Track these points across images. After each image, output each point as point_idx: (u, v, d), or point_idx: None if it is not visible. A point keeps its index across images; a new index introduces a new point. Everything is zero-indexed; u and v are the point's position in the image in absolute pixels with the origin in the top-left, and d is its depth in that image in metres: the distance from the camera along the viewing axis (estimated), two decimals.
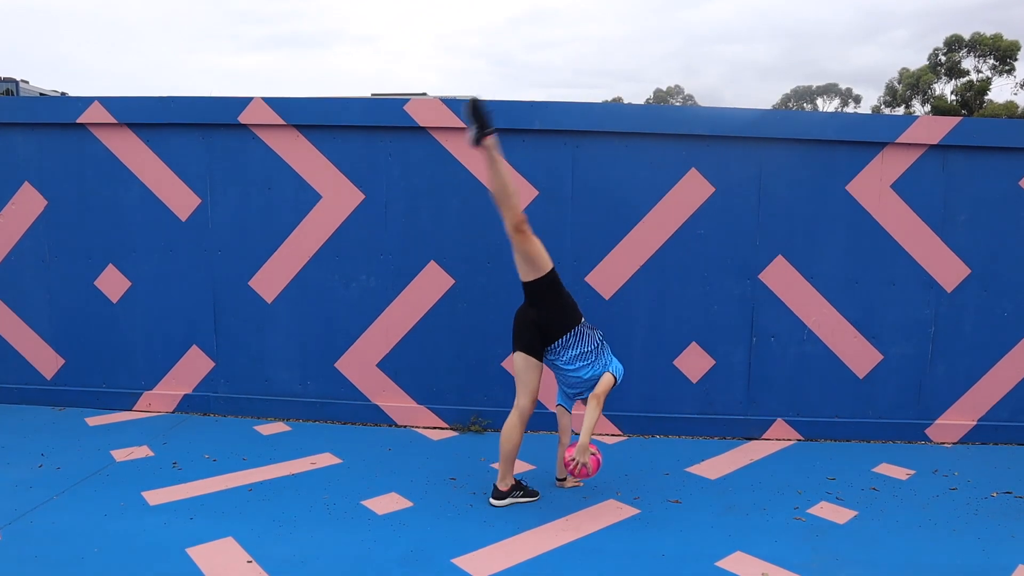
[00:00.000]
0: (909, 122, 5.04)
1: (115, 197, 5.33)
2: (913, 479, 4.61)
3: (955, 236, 5.11)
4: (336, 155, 5.16)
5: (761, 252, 5.13)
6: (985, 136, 5.01)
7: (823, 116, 5.19)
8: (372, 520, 3.86)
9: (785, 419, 5.28)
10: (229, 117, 5.16)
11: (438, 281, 5.21)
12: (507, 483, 4.08)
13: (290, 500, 4.06)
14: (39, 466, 4.43)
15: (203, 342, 5.42)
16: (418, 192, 5.15)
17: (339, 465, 4.59)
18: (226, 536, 3.62)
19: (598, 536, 3.76)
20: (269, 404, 5.43)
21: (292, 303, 5.32)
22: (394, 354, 5.31)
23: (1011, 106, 42.89)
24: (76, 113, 5.25)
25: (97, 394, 5.53)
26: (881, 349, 5.22)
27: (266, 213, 5.25)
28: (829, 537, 3.81)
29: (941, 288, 5.16)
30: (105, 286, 5.43)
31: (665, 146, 5.04)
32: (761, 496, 4.29)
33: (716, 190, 5.07)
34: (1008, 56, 44.88)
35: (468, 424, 5.30)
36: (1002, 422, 5.30)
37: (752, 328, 5.19)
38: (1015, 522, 4.02)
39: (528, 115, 5.01)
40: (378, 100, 5.21)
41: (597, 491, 4.29)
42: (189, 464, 4.52)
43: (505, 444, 4.02)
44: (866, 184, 5.06)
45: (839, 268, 5.14)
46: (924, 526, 3.96)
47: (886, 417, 5.28)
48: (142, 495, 4.05)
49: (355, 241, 5.22)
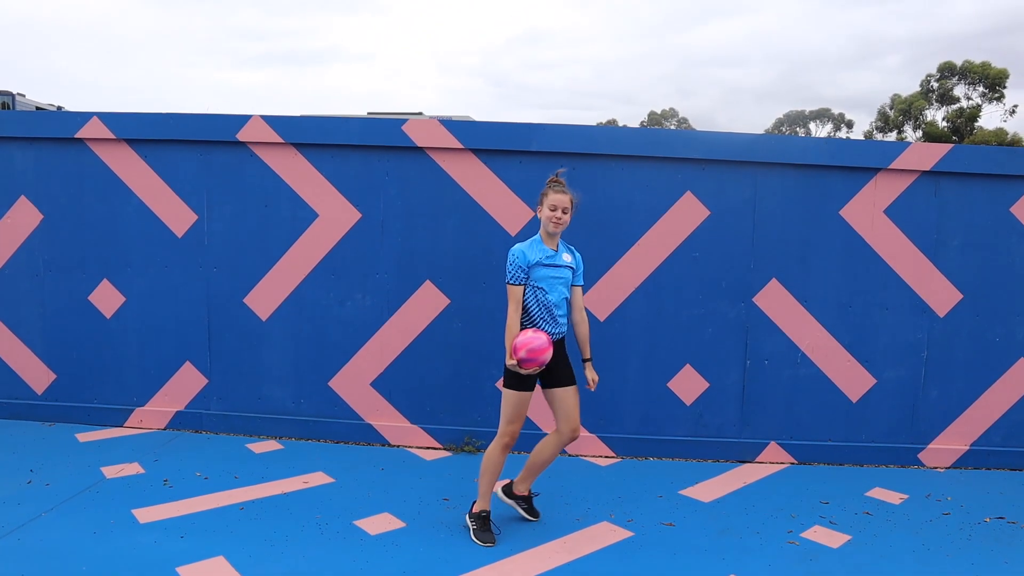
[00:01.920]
0: (902, 148, 5.10)
1: (111, 212, 5.33)
2: (906, 503, 4.61)
3: (947, 261, 5.16)
4: (333, 174, 5.18)
5: (755, 275, 5.16)
6: (977, 163, 5.07)
7: (817, 141, 5.24)
8: (365, 540, 3.83)
9: (779, 442, 5.28)
10: (227, 134, 5.18)
11: (433, 301, 5.22)
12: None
13: (282, 519, 4.03)
14: (28, 482, 4.38)
15: (196, 359, 5.40)
16: (415, 212, 5.17)
17: (332, 484, 4.56)
18: (217, 555, 3.58)
19: (592, 559, 3.74)
20: (262, 422, 5.40)
21: (287, 321, 5.31)
22: (388, 373, 5.30)
23: (1000, 133, 43.37)
24: (74, 128, 5.26)
25: (88, 410, 5.50)
26: (874, 373, 5.24)
27: (262, 230, 5.26)
28: (823, 561, 3.80)
29: (934, 313, 5.19)
30: (99, 301, 5.41)
31: (661, 169, 5.08)
32: (755, 519, 4.28)
33: (711, 213, 5.10)
34: (997, 84, 45.47)
35: (462, 444, 5.28)
36: (995, 447, 5.31)
37: (746, 351, 5.21)
38: (1008, 547, 4.02)
39: (526, 137, 5.05)
40: (376, 120, 5.24)
41: (591, 513, 4.28)
42: (180, 482, 4.48)
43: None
44: (859, 209, 5.11)
45: (833, 292, 5.17)
46: (918, 551, 3.95)
47: (879, 441, 5.29)
48: (132, 513, 4.02)
49: (351, 260, 5.23)
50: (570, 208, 3.87)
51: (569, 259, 3.96)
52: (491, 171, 5.11)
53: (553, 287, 3.86)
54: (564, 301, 3.93)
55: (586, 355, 4.09)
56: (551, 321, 3.87)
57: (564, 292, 3.91)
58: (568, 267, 3.94)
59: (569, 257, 3.97)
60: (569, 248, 4.03)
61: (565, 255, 3.95)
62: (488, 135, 5.09)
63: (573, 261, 3.98)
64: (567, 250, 3.99)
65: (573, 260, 3.98)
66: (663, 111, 69.28)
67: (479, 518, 3.91)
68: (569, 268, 3.95)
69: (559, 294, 3.88)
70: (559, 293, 3.88)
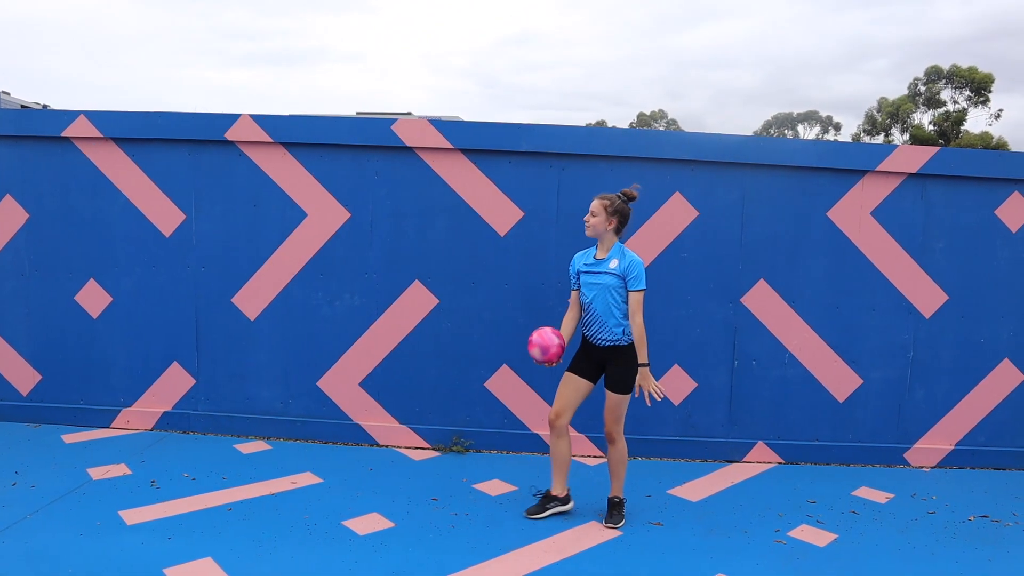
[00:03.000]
0: (889, 151, 5.14)
1: (99, 212, 5.30)
2: (892, 503, 4.64)
3: (933, 263, 5.20)
4: (323, 173, 5.17)
5: (744, 276, 5.18)
6: (962, 166, 5.11)
7: (805, 143, 5.27)
8: (353, 540, 3.82)
9: (766, 442, 5.31)
10: (216, 133, 5.16)
11: (422, 301, 5.21)
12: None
13: (270, 520, 4.02)
14: (13, 484, 4.35)
15: (184, 359, 5.37)
16: (404, 212, 5.17)
17: (320, 485, 4.55)
18: (205, 556, 3.57)
19: (580, 558, 3.75)
20: (250, 422, 5.38)
21: (275, 321, 5.29)
22: (377, 373, 5.30)
23: (986, 136, 43.77)
24: (61, 127, 5.22)
25: (74, 411, 5.46)
26: (861, 373, 5.28)
27: (251, 230, 5.24)
28: (810, 560, 3.82)
29: (920, 314, 5.23)
30: (86, 301, 5.37)
31: (650, 170, 5.10)
32: (742, 519, 4.30)
33: (700, 214, 5.13)
34: (983, 88, 45.88)
35: (450, 444, 5.28)
36: (979, 446, 5.36)
37: (734, 351, 5.23)
38: (992, 546, 4.06)
39: (515, 137, 5.05)
40: (366, 119, 5.23)
41: (579, 513, 4.28)
42: (168, 483, 4.46)
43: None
44: (847, 211, 5.14)
45: (820, 293, 5.21)
46: (903, 549, 3.99)
47: (866, 441, 5.33)
48: (119, 514, 3.99)
49: (340, 259, 5.22)
50: (599, 211, 3.98)
51: (615, 265, 3.98)
52: (480, 171, 5.12)
53: (592, 293, 4.02)
54: (611, 307, 3.98)
55: (639, 359, 3.99)
56: (592, 324, 4.05)
57: (609, 298, 3.98)
58: (610, 273, 3.98)
59: (616, 263, 3.99)
60: (622, 253, 4.02)
61: (612, 261, 3.99)
62: (477, 135, 5.10)
63: (619, 267, 3.98)
64: (618, 256, 4.01)
65: (620, 266, 3.98)
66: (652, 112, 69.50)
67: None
68: (612, 274, 3.97)
69: (601, 300, 3.99)
70: (600, 299, 3.99)
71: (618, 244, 4.05)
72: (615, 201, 4.01)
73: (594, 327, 4.05)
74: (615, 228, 4.03)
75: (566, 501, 4.28)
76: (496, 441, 5.30)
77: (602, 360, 4.09)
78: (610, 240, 4.03)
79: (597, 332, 4.05)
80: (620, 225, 4.04)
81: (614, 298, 3.97)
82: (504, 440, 5.30)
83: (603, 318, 4.00)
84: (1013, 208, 5.18)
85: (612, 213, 3.99)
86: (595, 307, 4.02)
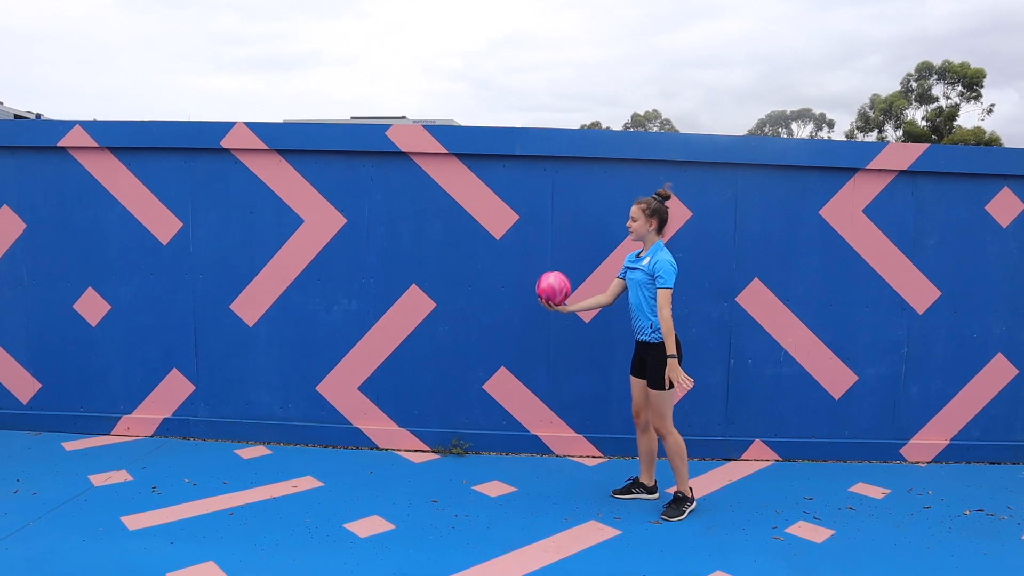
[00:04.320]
0: (879, 148, 5.18)
1: (95, 220, 5.32)
2: (888, 498, 4.68)
3: (925, 259, 5.25)
4: (318, 180, 5.21)
5: (738, 275, 5.23)
6: (952, 163, 5.16)
7: (797, 142, 5.31)
8: (354, 543, 3.85)
9: (763, 440, 5.35)
10: (211, 141, 5.19)
11: (420, 304, 5.25)
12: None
13: (272, 524, 4.05)
14: (15, 492, 4.37)
15: (183, 365, 5.40)
16: (400, 216, 5.20)
17: (321, 488, 4.58)
18: (207, 560, 3.60)
19: (580, 557, 3.78)
20: (249, 428, 5.41)
21: (273, 326, 5.32)
22: (376, 377, 5.33)
23: (979, 132, 43.89)
24: (57, 136, 5.25)
25: (74, 418, 5.48)
26: (856, 370, 5.32)
27: (248, 237, 5.27)
28: (807, 556, 3.86)
29: (913, 310, 5.28)
30: (84, 309, 5.40)
31: (643, 171, 5.14)
32: (740, 516, 4.34)
33: (693, 214, 5.17)
34: (975, 83, 46.02)
35: (449, 447, 5.31)
36: (974, 441, 5.41)
37: (730, 350, 5.27)
38: (987, 540, 4.10)
39: (509, 141, 5.09)
40: (361, 125, 5.27)
41: (579, 513, 4.32)
42: (169, 488, 4.48)
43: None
44: (839, 209, 5.19)
45: (814, 291, 5.25)
46: (900, 544, 4.03)
47: (861, 437, 5.37)
48: (121, 520, 4.02)
49: (337, 265, 5.25)
50: (639, 215, 4.22)
51: (647, 262, 4.18)
52: (475, 175, 5.15)
53: (631, 288, 4.30)
54: (641, 301, 4.21)
55: (667, 350, 4.11)
56: (631, 317, 4.33)
57: (642, 294, 4.19)
58: (641, 270, 4.19)
59: (648, 260, 4.17)
60: (656, 251, 4.19)
61: (646, 259, 4.20)
62: (472, 139, 5.13)
63: (648, 265, 4.15)
64: (652, 254, 4.19)
65: (649, 264, 4.15)
66: (646, 112, 69.55)
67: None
68: (642, 271, 4.19)
69: (634, 294, 4.26)
70: (634, 294, 4.26)
71: (657, 243, 4.25)
72: (651, 203, 4.22)
73: (633, 320, 4.33)
74: (656, 228, 4.24)
75: (652, 491, 4.55)
76: (495, 443, 5.34)
77: (643, 355, 4.31)
78: (651, 240, 4.27)
79: (635, 324, 4.31)
80: (660, 225, 4.25)
81: (644, 294, 4.18)
82: (503, 442, 5.33)
83: (636, 312, 4.26)
84: (1003, 203, 5.23)
85: (651, 214, 4.22)
86: (631, 300, 4.30)
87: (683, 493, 4.32)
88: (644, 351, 4.29)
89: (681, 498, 4.31)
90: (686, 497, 4.33)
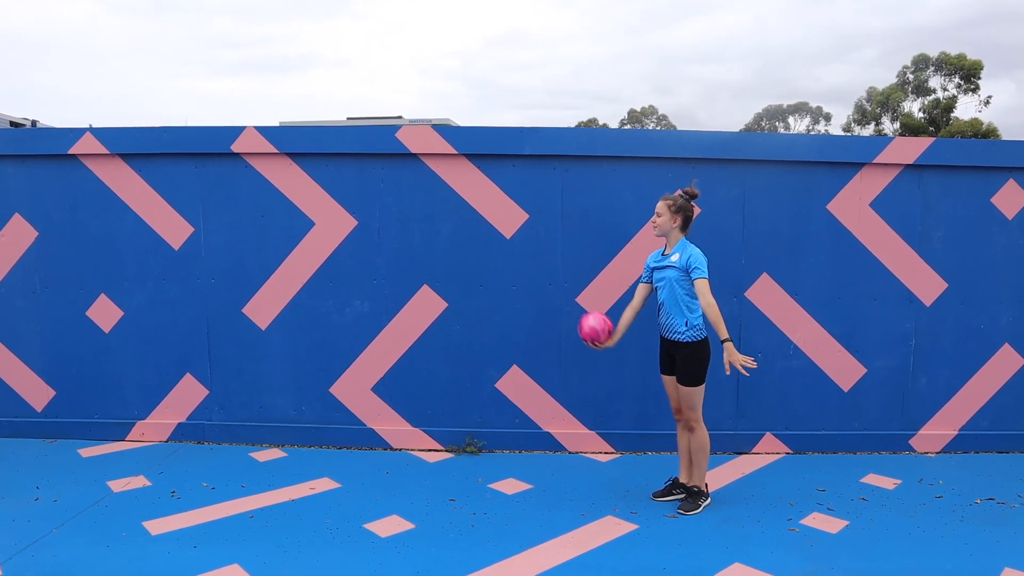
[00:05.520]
0: (885, 143, 5.23)
1: (107, 227, 5.35)
2: (900, 488, 4.73)
3: (932, 252, 5.29)
4: (329, 182, 5.24)
5: (746, 270, 5.27)
6: (958, 156, 5.21)
7: (803, 138, 5.36)
8: (376, 543, 3.89)
9: (774, 433, 5.39)
10: (222, 146, 5.22)
11: (431, 304, 5.28)
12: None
13: (292, 525, 4.08)
14: (35, 499, 4.40)
15: (197, 370, 5.43)
16: (410, 217, 5.24)
17: (338, 489, 4.62)
18: (232, 563, 3.63)
19: (600, 552, 3.83)
20: (264, 431, 5.44)
21: (286, 329, 5.36)
22: (389, 378, 5.36)
23: (976, 123, 43.91)
24: (67, 144, 5.28)
25: (89, 425, 5.51)
26: (865, 363, 5.36)
27: (259, 240, 5.30)
28: (823, 546, 3.90)
29: (920, 302, 5.32)
30: (97, 316, 5.43)
31: (651, 169, 5.17)
32: (755, 508, 4.38)
33: (702, 211, 5.20)
34: (972, 75, 46.03)
35: (464, 446, 5.35)
36: (982, 431, 5.46)
37: (739, 344, 5.31)
38: (999, 527, 4.15)
39: (519, 141, 5.13)
40: (370, 127, 5.30)
41: (595, 508, 4.36)
42: (188, 493, 4.52)
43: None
44: (846, 203, 5.23)
45: (822, 285, 5.29)
46: (913, 533, 4.07)
47: (871, 429, 5.41)
48: (143, 525, 4.05)
49: (349, 266, 5.28)
50: (664, 211, 4.23)
51: (676, 259, 4.20)
52: (485, 175, 5.19)
53: (660, 287, 4.31)
54: (676, 299, 4.21)
55: (720, 336, 4.11)
56: (662, 316, 4.32)
57: (674, 292, 4.20)
58: (672, 267, 4.21)
59: (677, 256, 4.20)
60: (684, 248, 4.22)
61: (675, 255, 4.22)
62: (481, 140, 5.17)
63: (680, 260, 4.18)
64: (680, 250, 4.22)
65: (680, 259, 4.18)
66: (643, 109, 69.47)
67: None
68: (673, 267, 4.20)
69: (668, 292, 4.25)
70: (667, 292, 4.25)
71: (683, 240, 4.28)
72: (677, 200, 4.25)
73: (663, 318, 4.32)
74: (680, 225, 4.27)
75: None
76: (509, 441, 5.38)
77: (672, 353, 4.33)
78: (676, 237, 4.29)
79: (666, 323, 4.31)
80: (685, 222, 4.27)
81: (677, 291, 4.20)
82: (517, 440, 5.37)
83: (670, 310, 4.25)
84: (1008, 195, 5.27)
85: (676, 211, 4.24)
86: (663, 299, 4.28)
87: (699, 487, 4.36)
88: (672, 348, 4.31)
89: (697, 492, 4.36)
90: (702, 492, 4.37)
